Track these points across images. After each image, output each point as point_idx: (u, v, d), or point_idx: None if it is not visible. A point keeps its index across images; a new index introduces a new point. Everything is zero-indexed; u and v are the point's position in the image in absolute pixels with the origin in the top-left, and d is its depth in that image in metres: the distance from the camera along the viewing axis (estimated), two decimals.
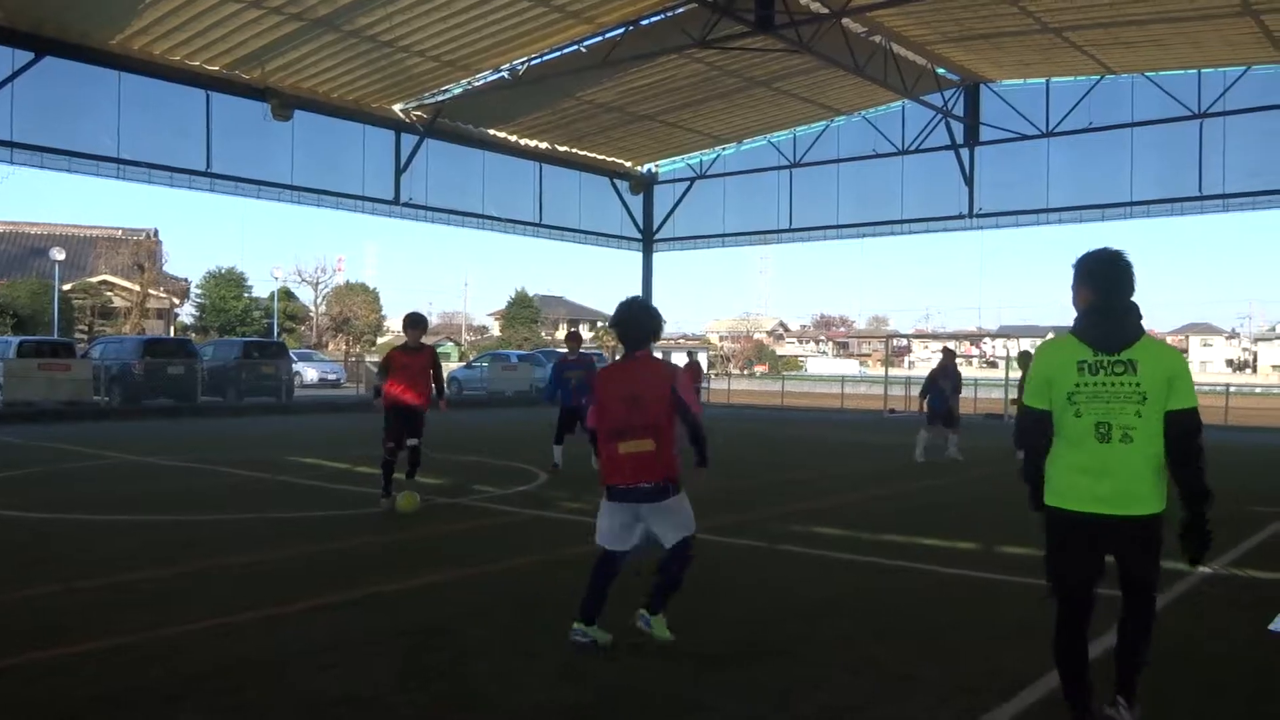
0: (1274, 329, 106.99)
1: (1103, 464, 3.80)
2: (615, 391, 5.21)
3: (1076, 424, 3.84)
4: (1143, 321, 3.93)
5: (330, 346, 64.80)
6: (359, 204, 25.35)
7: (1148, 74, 23.29)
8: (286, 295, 62.76)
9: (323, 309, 68.25)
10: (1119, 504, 3.81)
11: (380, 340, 72.72)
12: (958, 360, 17.43)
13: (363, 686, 4.58)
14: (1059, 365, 3.92)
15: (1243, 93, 22.45)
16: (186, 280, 52.40)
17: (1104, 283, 3.93)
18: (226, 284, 56.41)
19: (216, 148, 22.31)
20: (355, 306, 68.32)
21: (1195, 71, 22.88)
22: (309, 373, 38.35)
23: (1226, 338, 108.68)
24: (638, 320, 5.29)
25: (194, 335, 48.57)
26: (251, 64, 20.90)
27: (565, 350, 13.78)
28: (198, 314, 56.44)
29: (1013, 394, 27.29)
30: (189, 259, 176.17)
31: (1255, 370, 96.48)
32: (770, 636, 5.51)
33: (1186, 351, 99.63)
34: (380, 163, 25.25)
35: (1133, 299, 3.94)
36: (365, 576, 6.72)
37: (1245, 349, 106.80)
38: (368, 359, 45.23)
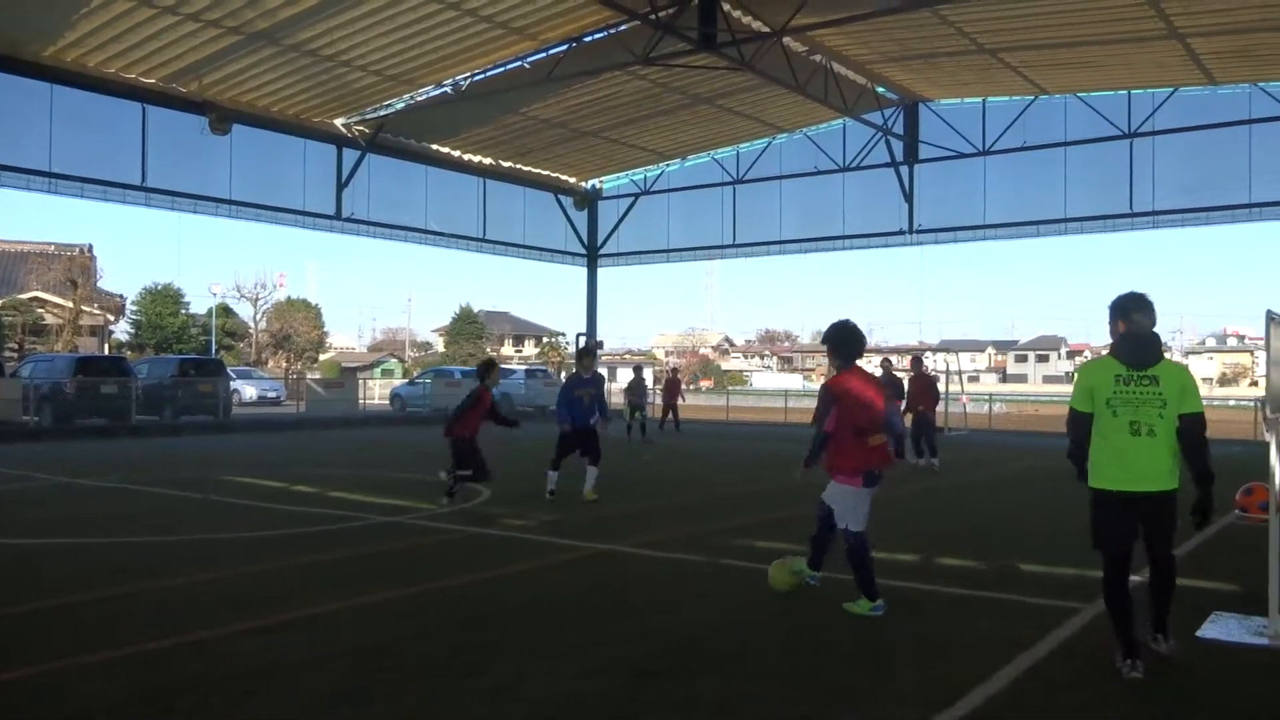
0: (1204, 343, 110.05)
1: (1135, 453, 5.03)
2: (862, 395, 6.29)
3: (1114, 422, 5.07)
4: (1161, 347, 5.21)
5: (270, 364, 63.77)
6: (300, 219, 25.06)
7: (1080, 94, 23.89)
8: (225, 312, 61.76)
9: (263, 325, 67.19)
10: (1146, 482, 5.04)
11: (322, 357, 71.80)
12: (896, 373, 18.09)
13: (293, 711, 4.49)
14: (1101, 378, 5.15)
15: (1171, 113, 23.15)
16: (122, 297, 51.21)
17: (1139, 316, 5.16)
18: (163, 300, 55.34)
19: (153, 161, 21.92)
20: (296, 323, 67.37)
21: (1125, 92, 23.54)
22: (248, 390, 37.70)
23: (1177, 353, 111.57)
24: (859, 340, 6.50)
25: (129, 353, 47.50)
26: (189, 77, 20.57)
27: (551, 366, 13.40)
28: (133, 331, 55.26)
29: (954, 408, 27.76)
30: (124, 275, 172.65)
31: None
32: (709, 650, 5.51)
33: None
34: (321, 177, 24.98)
35: (1154, 329, 5.19)
36: (300, 597, 6.60)
37: (1178, 363, 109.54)
38: (309, 376, 44.59)
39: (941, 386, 28.54)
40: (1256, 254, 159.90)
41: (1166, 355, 5.25)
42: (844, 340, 6.48)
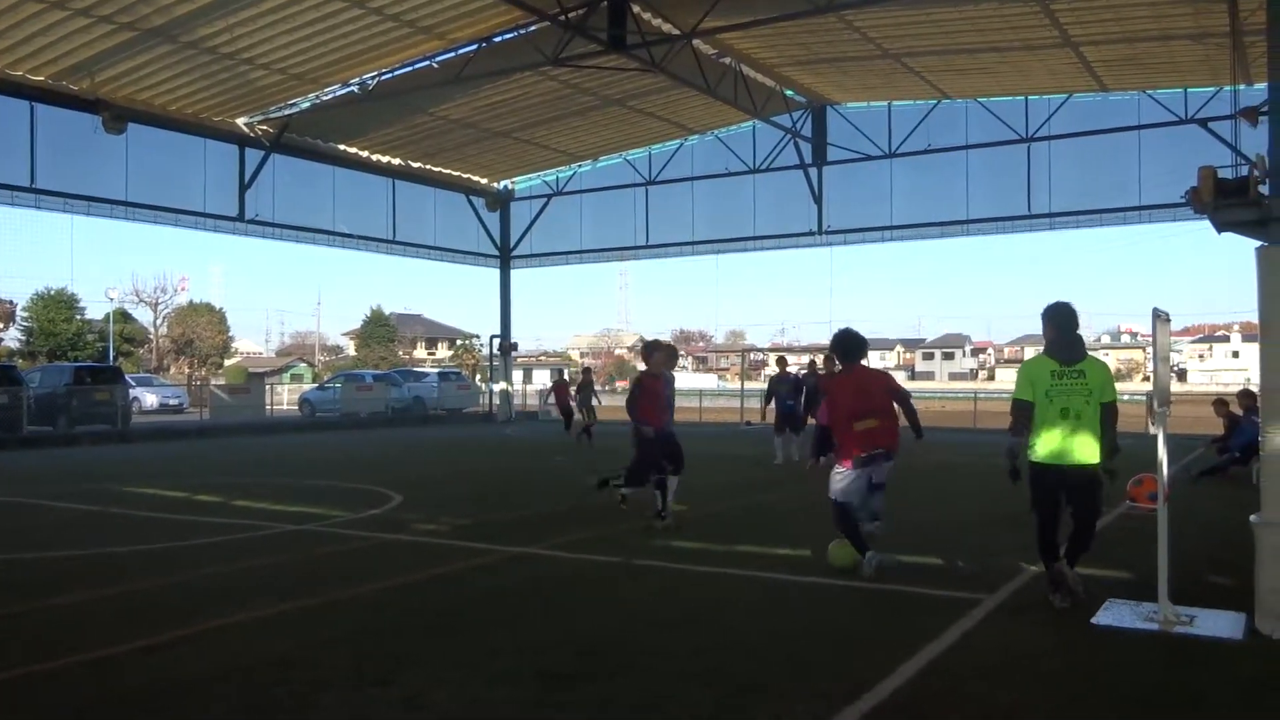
0: (1099, 340, 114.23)
1: (1066, 433, 6.22)
2: (849, 389, 7.32)
3: (1050, 408, 6.25)
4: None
5: (172, 370, 61.86)
6: (200, 221, 24.36)
7: (980, 99, 24.59)
8: (123, 317, 59.70)
9: (163, 331, 65.12)
10: (1074, 456, 6.25)
11: (227, 362, 69.91)
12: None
13: None
14: (1040, 372, 6.35)
15: (1065, 119, 23.97)
16: (11, 303, 49.12)
17: (1064, 323, 6.44)
18: (56, 306, 53.23)
19: (42, 161, 21.08)
20: (199, 328, 65.53)
21: (1023, 98, 24.29)
22: (148, 398, 36.44)
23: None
24: (861, 344, 7.62)
25: (20, 361, 45.54)
26: (80, 74, 19.80)
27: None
28: (24, 338, 53.05)
29: None
30: (14, 280, 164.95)
31: None
32: (622, 651, 5.52)
33: (1022, 360, 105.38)
34: (223, 178, 24.30)
35: (1079, 332, 6.55)
36: (203, 611, 6.40)
37: (1100, 359, 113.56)
38: (213, 382, 43.33)
39: None
40: (1147, 254, 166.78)
41: (1092, 355, 6.51)
42: (837, 344, 7.64)
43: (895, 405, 7.56)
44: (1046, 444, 6.30)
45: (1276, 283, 5.90)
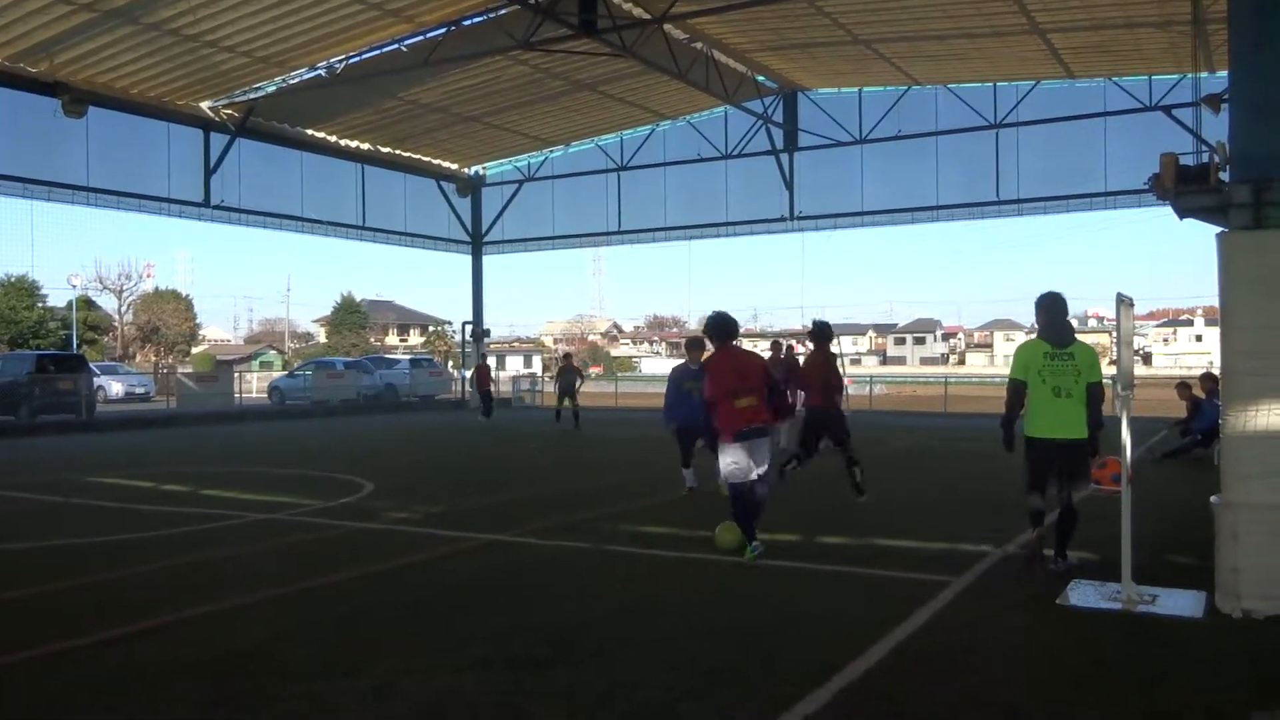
0: None
1: (1057, 410, 6.83)
2: (727, 368, 7.59)
3: (1043, 388, 6.86)
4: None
5: (138, 358, 61.13)
6: (165, 207, 24.03)
7: (950, 86, 24.70)
8: (87, 304, 58.88)
9: (129, 318, 64.31)
10: (1064, 431, 6.85)
11: (195, 350, 69.18)
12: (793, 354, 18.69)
13: None
14: (1033, 355, 6.95)
15: (1033, 105, 24.14)
16: None
17: (1056, 310, 7.08)
18: (17, 293, 52.39)
19: (0, 146, 20.67)
20: (166, 315, 64.76)
21: (991, 85, 24.43)
22: (114, 386, 35.98)
23: (1026, 333, 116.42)
24: (734, 326, 7.89)
25: None
26: (38, 55, 19.44)
27: (687, 359, 11.21)
28: None
29: None
30: None
31: None
32: (591, 638, 5.52)
33: (990, 346, 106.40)
34: (187, 163, 23.97)
35: (1068, 318, 7.19)
36: (169, 602, 6.34)
37: (1087, 343, 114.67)
38: (180, 370, 42.86)
39: None
40: (1112, 239, 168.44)
41: (1079, 340, 7.05)
42: (712, 327, 7.87)
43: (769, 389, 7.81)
44: (1040, 420, 6.88)
45: (1236, 268, 5.97)
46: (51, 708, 4.52)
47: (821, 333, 10.65)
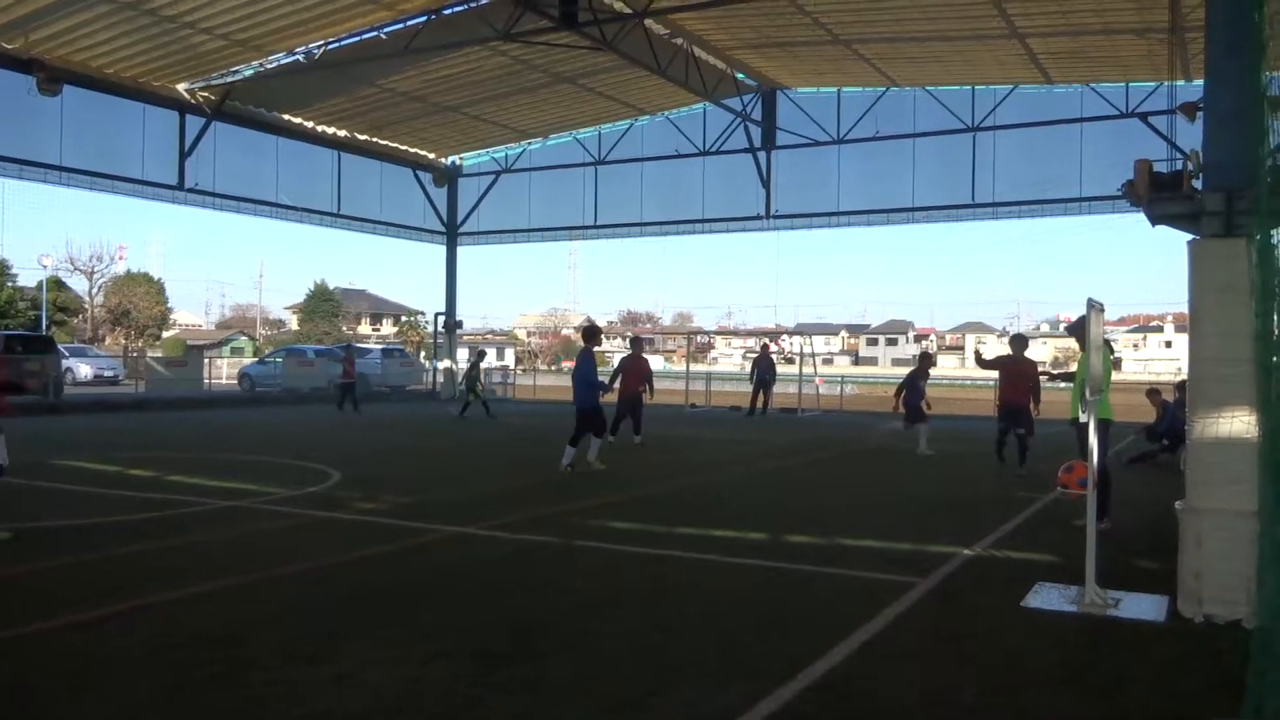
0: (1038, 328, 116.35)
1: None
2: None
3: None
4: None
5: (108, 341, 60.42)
6: (139, 189, 23.70)
7: (928, 88, 24.79)
8: (57, 285, 58.14)
9: (100, 300, 63.55)
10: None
11: (165, 334, 68.48)
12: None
13: (122, 709, 4.27)
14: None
15: (1011, 109, 24.27)
16: None
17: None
18: None
19: None
20: (137, 298, 64.04)
21: (970, 88, 24.55)
22: (82, 369, 35.52)
23: (998, 336, 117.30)
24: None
25: None
26: (14, 32, 19.13)
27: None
28: None
29: (807, 389, 28.56)
30: None
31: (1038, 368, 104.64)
32: (558, 632, 5.51)
33: (961, 349, 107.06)
34: (162, 145, 23.67)
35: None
36: (132, 588, 6.28)
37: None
38: (150, 354, 42.38)
39: (795, 369, 29.40)
40: (1087, 245, 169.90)
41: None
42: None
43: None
44: None
45: (1206, 275, 6.04)
46: (15, 691, 4.46)
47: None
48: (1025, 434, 12.84)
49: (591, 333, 13.85)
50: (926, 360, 17.22)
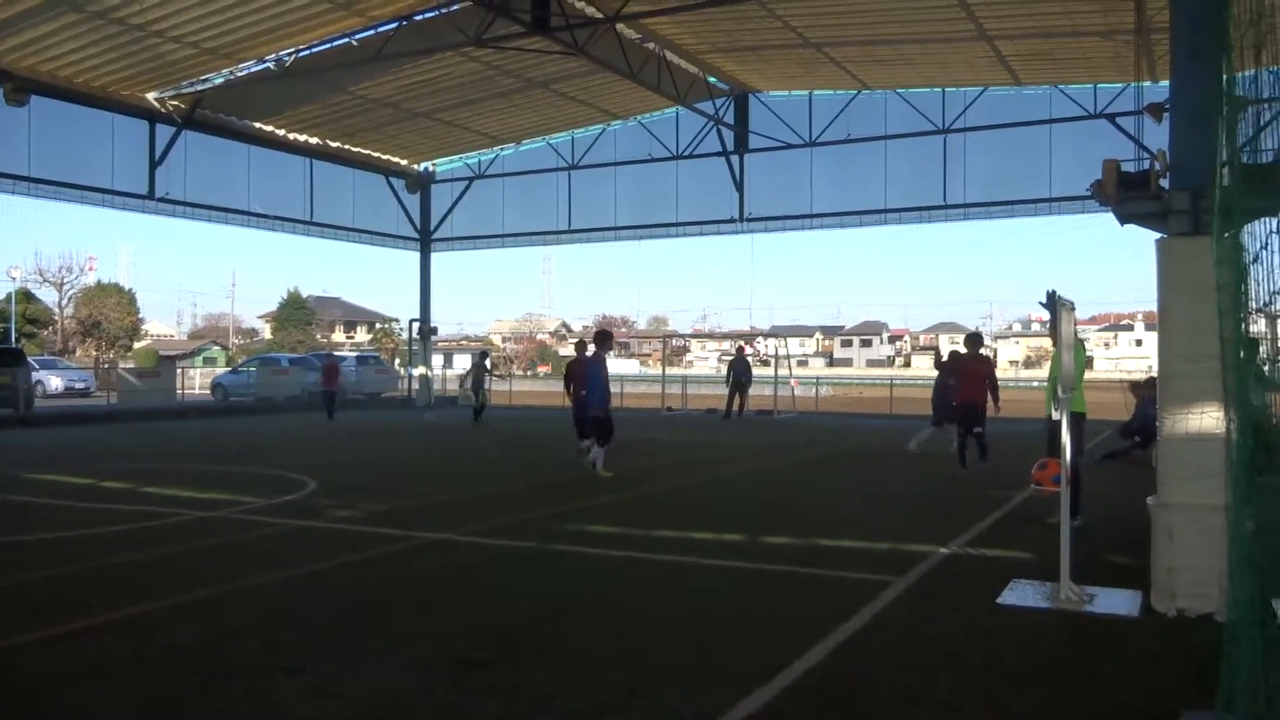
0: (1010, 328, 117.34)
1: None
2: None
3: None
4: None
5: (79, 353, 59.74)
6: (108, 199, 23.51)
7: (899, 90, 24.96)
8: (26, 297, 57.46)
9: (69, 312, 62.84)
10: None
11: (137, 344, 67.79)
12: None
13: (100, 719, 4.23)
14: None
15: (980, 111, 24.48)
16: None
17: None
18: None
19: None
20: (107, 309, 63.38)
21: (940, 90, 24.74)
22: (53, 381, 35.11)
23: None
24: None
25: None
26: None
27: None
28: None
29: (783, 391, 28.64)
30: None
31: (995, 365, 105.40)
32: (534, 637, 5.51)
33: (936, 349, 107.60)
34: (132, 155, 23.47)
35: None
36: (107, 601, 6.21)
37: (987, 346, 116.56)
38: (122, 365, 41.94)
39: (771, 371, 29.50)
40: (1056, 244, 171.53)
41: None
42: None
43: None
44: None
45: (1174, 273, 6.11)
46: None
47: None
48: (981, 432, 12.90)
49: (604, 336, 13.39)
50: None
